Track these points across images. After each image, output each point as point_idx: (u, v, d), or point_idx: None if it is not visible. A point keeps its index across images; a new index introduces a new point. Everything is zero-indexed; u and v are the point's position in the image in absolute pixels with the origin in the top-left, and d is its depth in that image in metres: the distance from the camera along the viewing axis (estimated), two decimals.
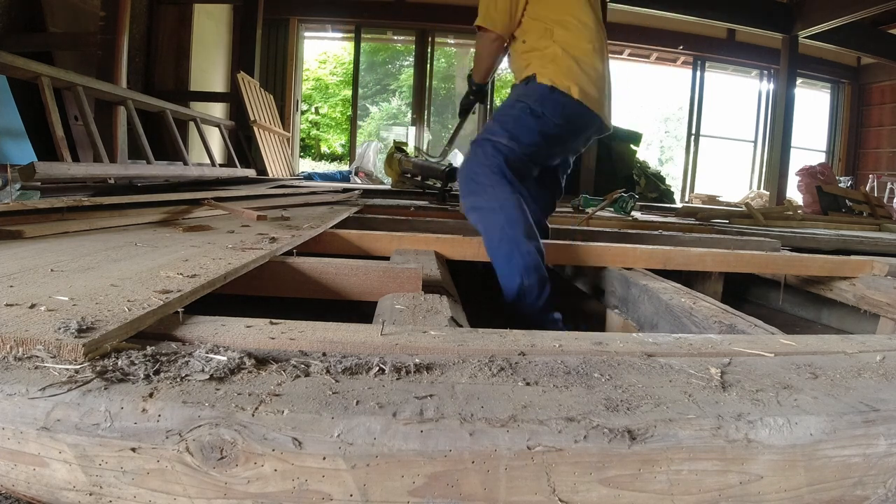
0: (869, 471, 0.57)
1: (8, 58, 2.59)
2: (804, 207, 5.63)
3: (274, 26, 7.43)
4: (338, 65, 15.40)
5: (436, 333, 0.77)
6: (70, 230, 1.42)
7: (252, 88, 5.77)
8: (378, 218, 2.49)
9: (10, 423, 0.51)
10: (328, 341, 0.71)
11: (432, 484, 0.51)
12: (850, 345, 0.84)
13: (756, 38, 8.07)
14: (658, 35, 8.32)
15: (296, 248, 1.43)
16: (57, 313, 0.67)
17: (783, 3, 7.02)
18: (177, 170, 3.93)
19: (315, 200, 2.92)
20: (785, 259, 1.85)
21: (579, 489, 0.52)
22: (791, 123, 7.17)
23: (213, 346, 0.65)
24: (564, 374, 0.65)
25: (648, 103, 19.03)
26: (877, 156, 9.40)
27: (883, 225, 4.31)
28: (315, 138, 15.47)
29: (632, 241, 2.27)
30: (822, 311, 2.22)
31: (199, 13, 6.22)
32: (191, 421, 0.50)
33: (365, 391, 0.57)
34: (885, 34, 7.69)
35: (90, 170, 2.85)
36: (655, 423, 0.54)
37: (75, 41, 3.98)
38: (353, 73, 8.35)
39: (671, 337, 0.83)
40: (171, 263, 1.02)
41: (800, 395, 0.62)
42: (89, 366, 0.56)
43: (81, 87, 3.07)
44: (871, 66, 9.06)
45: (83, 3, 4.25)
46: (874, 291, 1.65)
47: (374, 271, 1.23)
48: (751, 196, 8.42)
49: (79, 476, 0.52)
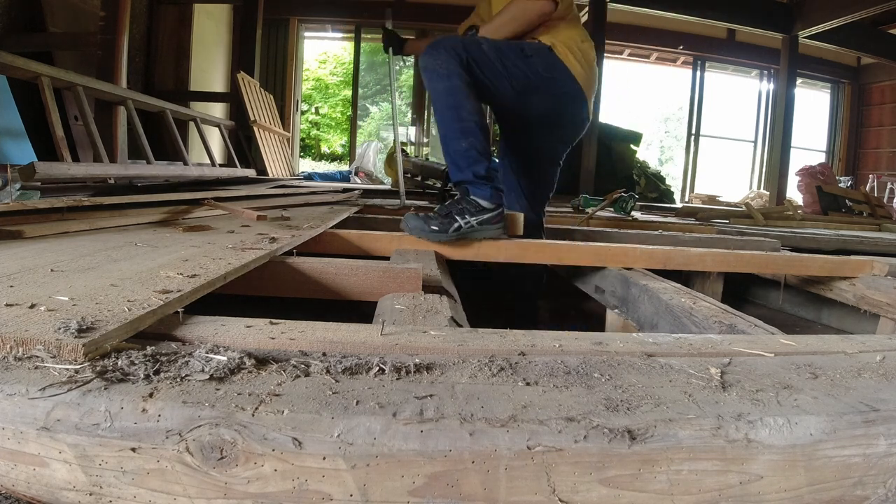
0: (869, 471, 0.57)
1: (8, 58, 2.59)
2: (804, 207, 5.63)
3: (274, 26, 7.44)
4: (338, 65, 15.41)
5: (436, 333, 0.77)
6: (70, 230, 1.42)
7: (252, 88, 5.77)
8: (378, 218, 2.49)
9: (10, 423, 0.51)
10: (328, 341, 0.71)
11: (432, 484, 0.51)
12: (850, 345, 0.84)
13: (756, 38, 8.07)
14: (658, 35, 8.32)
15: (296, 248, 1.43)
16: (57, 313, 0.67)
17: (783, 3, 7.02)
18: (177, 170, 3.93)
19: (315, 200, 2.92)
20: (785, 259, 1.85)
21: (579, 489, 0.52)
22: (791, 123, 7.17)
23: (213, 346, 0.65)
24: (564, 374, 0.65)
25: (648, 103, 19.04)
26: (877, 156, 9.41)
27: (883, 225, 4.31)
28: (315, 138, 15.48)
29: (632, 241, 2.27)
30: (822, 311, 2.22)
31: (199, 13, 6.22)
32: (191, 421, 0.50)
33: (365, 391, 0.57)
34: (885, 34, 7.69)
35: (90, 170, 2.85)
36: (655, 423, 0.54)
37: (75, 41, 3.98)
38: (353, 74, 8.36)
39: (671, 337, 0.83)
40: (171, 263, 1.02)
41: (800, 395, 0.62)
42: (89, 366, 0.56)
43: (81, 87, 3.07)
44: (871, 66, 9.06)
45: (83, 3, 4.25)
46: (874, 291, 1.65)
47: (374, 271, 1.23)
48: (751, 196, 8.43)
49: (79, 476, 0.52)
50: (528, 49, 1.78)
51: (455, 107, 1.65)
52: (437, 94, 1.67)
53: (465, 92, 1.65)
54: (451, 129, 1.66)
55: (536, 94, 1.82)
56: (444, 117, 1.67)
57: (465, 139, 1.64)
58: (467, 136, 1.64)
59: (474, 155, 1.65)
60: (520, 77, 1.77)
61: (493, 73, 1.74)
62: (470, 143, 1.65)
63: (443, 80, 1.66)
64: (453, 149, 1.67)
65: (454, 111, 1.65)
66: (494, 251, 1.74)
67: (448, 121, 1.67)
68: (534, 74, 1.77)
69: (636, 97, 18.20)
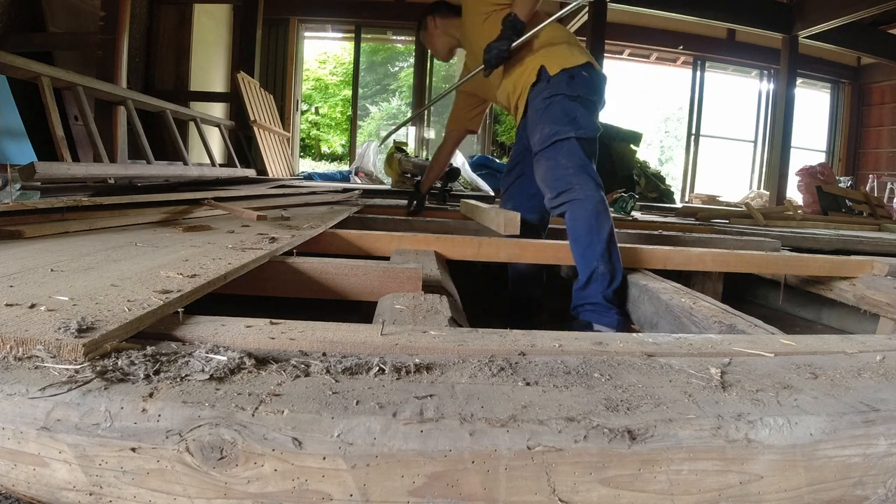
0: (869, 471, 0.57)
1: (8, 58, 2.59)
2: (804, 207, 5.63)
3: (274, 26, 7.43)
4: (338, 65, 15.41)
5: (436, 333, 0.77)
6: (70, 230, 1.42)
7: (252, 88, 5.76)
8: (378, 218, 2.49)
9: (10, 423, 0.51)
10: (328, 341, 0.71)
11: (432, 484, 0.51)
12: (850, 345, 0.84)
13: (756, 38, 8.06)
14: (658, 35, 8.31)
15: (296, 248, 1.43)
16: (57, 313, 0.67)
17: (783, 3, 7.02)
18: (177, 170, 3.93)
19: (315, 200, 2.92)
20: (785, 259, 1.85)
21: (579, 489, 0.52)
22: (791, 123, 7.16)
23: (213, 346, 0.65)
24: (564, 374, 0.65)
25: (648, 103, 19.04)
26: (877, 156, 9.40)
27: (883, 225, 4.31)
28: (315, 138, 15.47)
29: (632, 241, 2.27)
30: (822, 311, 2.22)
31: (199, 13, 6.21)
32: (191, 421, 0.50)
33: (365, 391, 0.57)
34: (885, 34, 7.68)
35: (90, 170, 2.84)
36: (655, 423, 0.54)
37: (75, 41, 3.97)
38: (353, 74, 8.35)
39: (671, 337, 0.83)
40: (171, 263, 1.02)
41: (800, 395, 0.62)
42: (89, 366, 0.56)
43: (81, 87, 3.06)
44: (871, 66, 9.05)
45: (83, 3, 4.25)
46: (874, 291, 1.65)
47: (374, 271, 1.23)
48: (751, 196, 8.42)
49: (79, 476, 0.52)
50: (568, 91, 1.75)
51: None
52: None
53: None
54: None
55: (597, 108, 1.84)
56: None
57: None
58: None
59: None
60: (594, 117, 1.80)
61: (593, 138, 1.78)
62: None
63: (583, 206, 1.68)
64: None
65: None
66: (494, 251, 1.74)
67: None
68: (589, 103, 1.78)
69: (636, 97, 18.20)
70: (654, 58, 9.39)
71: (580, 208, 1.66)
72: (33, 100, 3.04)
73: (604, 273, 1.60)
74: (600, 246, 1.61)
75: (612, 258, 1.63)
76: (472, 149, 6.85)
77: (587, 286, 1.63)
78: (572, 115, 1.73)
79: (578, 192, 1.67)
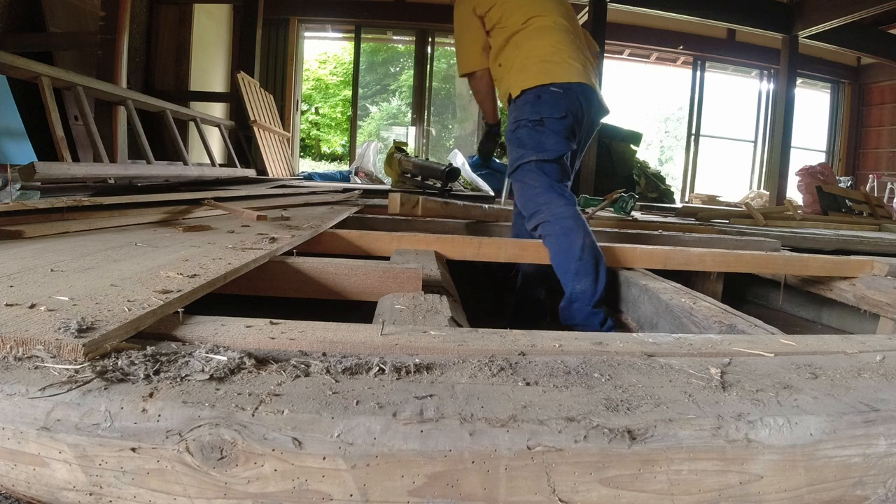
0: (869, 471, 0.57)
1: (8, 58, 2.59)
2: (804, 207, 5.63)
3: (274, 26, 7.43)
4: (338, 65, 15.40)
5: (436, 333, 0.77)
6: (70, 230, 1.42)
7: (252, 88, 5.76)
8: (378, 218, 2.50)
9: (10, 423, 0.51)
10: (328, 341, 0.71)
11: (432, 484, 0.51)
12: (850, 345, 0.84)
13: (756, 38, 8.07)
14: (658, 35, 8.32)
15: (296, 248, 1.43)
16: (57, 313, 0.67)
17: (783, 3, 7.02)
18: (177, 170, 3.93)
19: (315, 200, 2.92)
20: (785, 259, 1.85)
21: (579, 489, 0.52)
22: (791, 123, 7.16)
23: (213, 346, 0.65)
24: (564, 374, 0.65)
25: (648, 103, 19.04)
26: (877, 156, 9.40)
27: (883, 225, 4.31)
28: (315, 138, 15.47)
29: (632, 241, 2.27)
30: (822, 311, 2.22)
31: (199, 13, 6.21)
32: (191, 421, 0.50)
33: (365, 391, 0.57)
34: (885, 34, 7.68)
35: (90, 170, 2.84)
36: (655, 423, 0.54)
37: (75, 41, 3.97)
38: (353, 74, 8.34)
39: (671, 337, 0.83)
40: (171, 263, 1.02)
41: (800, 395, 0.62)
42: (89, 366, 0.56)
43: (81, 87, 3.06)
44: (871, 66, 9.06)
45: (83, 3, 4.24)
46: (874, 291, 1.65)
47: (374, 271, 1.23)
48: (751, 196, 8.42)
49: (79, 476, 0.52)
50: (530, 115, 1.79)
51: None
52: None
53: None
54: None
55: (570, 126, 1.83)
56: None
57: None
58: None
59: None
60: (563, 139, 1.80)
61: (560, 159, 1.80)
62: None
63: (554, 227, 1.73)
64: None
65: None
66: (494, 251, 1.74)
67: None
68: (559, 123, 1.79)
69: (636, 97, 18.21)
70: (653, 58, 9.39)
71: (549, 230, 1.71)
72: (33, 100, 3.03)
73: (582, 290, 1.63)
74: (573, 265, 1.64)
75: (589, 270, 1.64)
76: (472, 149, 6.84)
77: (570, 306, 1.66)
78: (536, 138, 1.78)
79: (546, 214, 1.72)
